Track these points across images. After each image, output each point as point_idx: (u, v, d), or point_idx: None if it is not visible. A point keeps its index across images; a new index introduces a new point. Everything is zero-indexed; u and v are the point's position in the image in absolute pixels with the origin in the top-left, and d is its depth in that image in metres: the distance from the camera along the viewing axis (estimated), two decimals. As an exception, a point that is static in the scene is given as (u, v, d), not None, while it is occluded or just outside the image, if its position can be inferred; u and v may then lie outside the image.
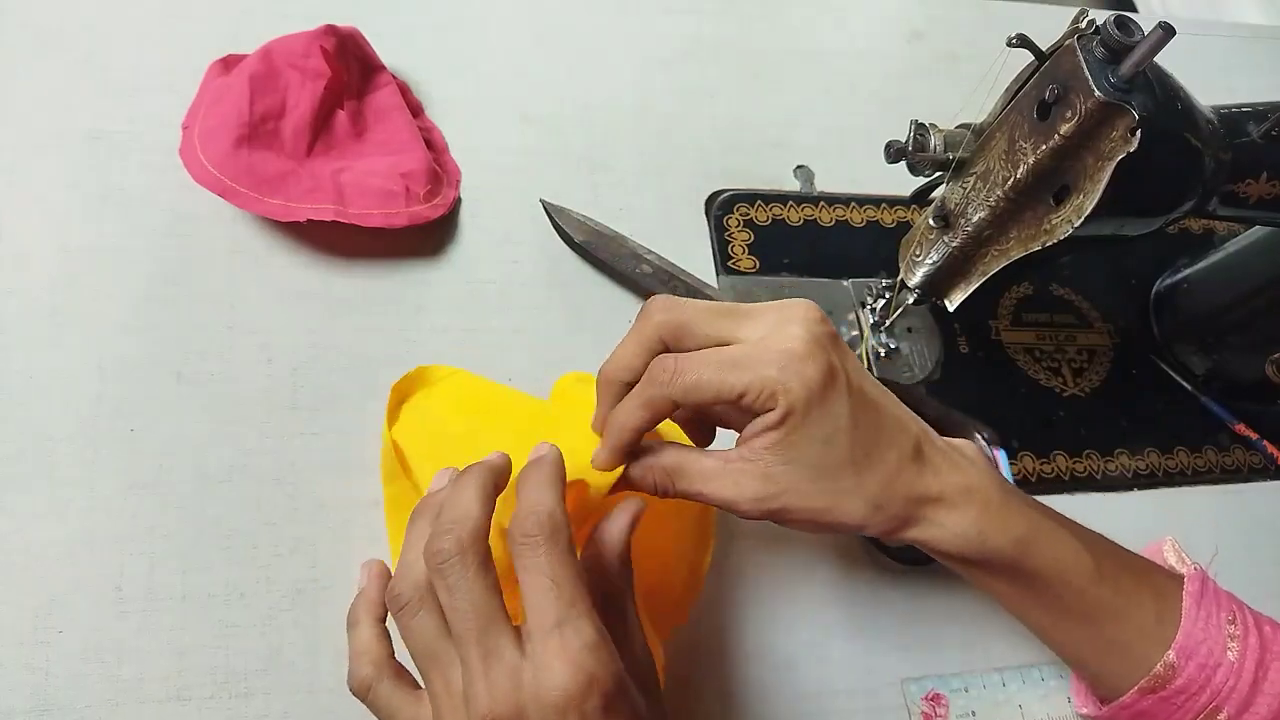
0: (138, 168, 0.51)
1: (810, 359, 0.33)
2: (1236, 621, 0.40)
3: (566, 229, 0.55)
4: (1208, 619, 0.40)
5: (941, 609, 0.49)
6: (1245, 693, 0.39)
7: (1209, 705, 0.39)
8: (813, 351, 0.34)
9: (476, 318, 0.52)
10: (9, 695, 0.39)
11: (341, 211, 0.49)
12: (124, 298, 0.48)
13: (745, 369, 0.33)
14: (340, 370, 0.49)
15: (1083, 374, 0.60)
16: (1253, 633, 0.40)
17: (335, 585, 0.43)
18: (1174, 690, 0.39)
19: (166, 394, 0.46)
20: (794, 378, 0.33)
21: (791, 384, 0.33)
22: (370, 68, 0.56)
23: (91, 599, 0.41)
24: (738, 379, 0.33)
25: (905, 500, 0.36)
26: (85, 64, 0.54)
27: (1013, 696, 0.47)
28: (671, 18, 0.68)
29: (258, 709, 0.40)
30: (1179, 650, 0.39)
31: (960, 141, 0.47)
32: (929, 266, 0.49)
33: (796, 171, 0.63)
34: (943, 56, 0.73)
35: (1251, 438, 0.59)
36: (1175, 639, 0.39)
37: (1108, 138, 0.41)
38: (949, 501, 0.37)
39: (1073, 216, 0.42)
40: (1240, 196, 0.46)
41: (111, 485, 0.43)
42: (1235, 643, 0.39)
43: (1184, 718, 0.39)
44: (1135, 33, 0.40)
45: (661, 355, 0.35)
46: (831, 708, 0.46)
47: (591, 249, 0.55)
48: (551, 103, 0.61)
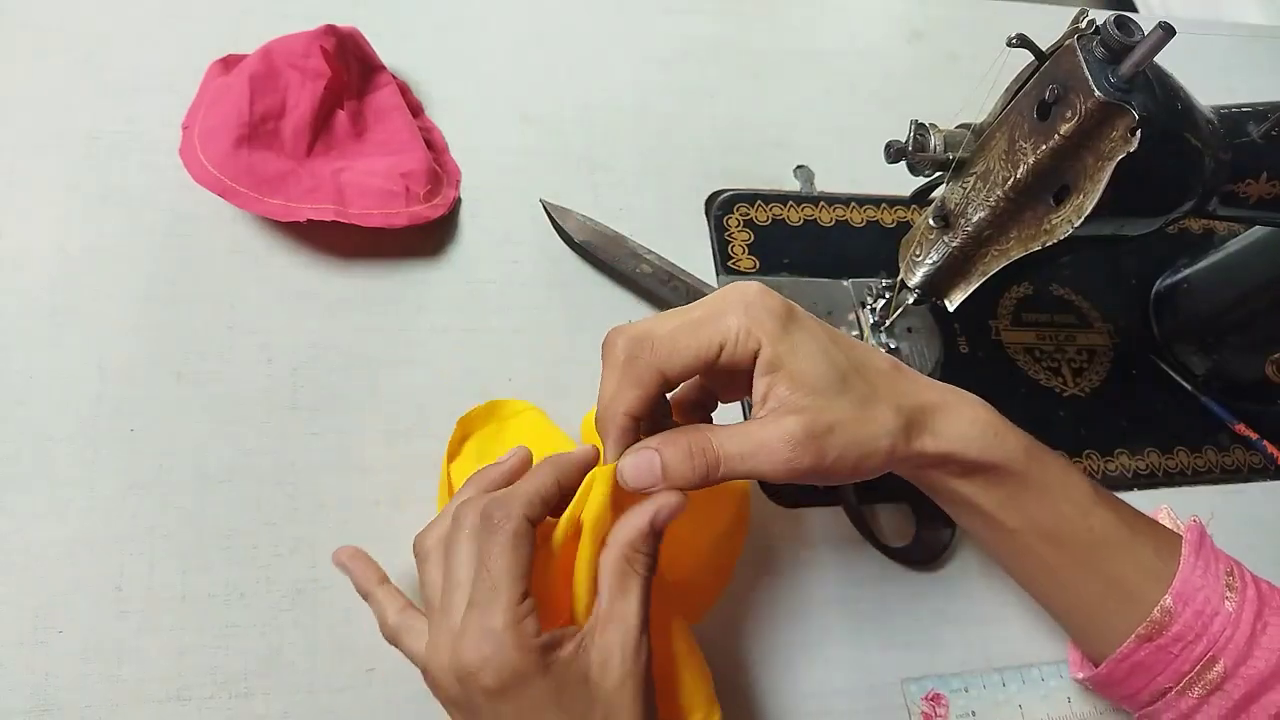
0: (138, 168, 0.51)
1: (764, 295, 0.36)
2: (1235, 575, 0.40)
3: (567, 229, 0.55)
4: (1206, 567, 0.40)
5: (941, 609, 0.49)
6: (1242, 645, 0.38)
7: (1205, 655, 0.38)
8: (763, 292, 0.36)
9: (476, 318, 0.52)
10: (9, 695, 0.39)
11: (341, 211, 0.49)
12: (124, 298, 0.48)
13: (713, 322, 0.35)
14: (340, 370, 0.49)
15: (1083, 374, 0.60)
16: (1250, 587, 0.40)
17: (335, 585, 0.43)
18: (1170, 638, 0.39)
19: (166, 394, 0.46)
20: (760, 311, 0.35)
21: (760, 316, 0.35)
22: (370, 68, 0.56)
23: (91, 599, 0.41)
24: (711, 331, 0.35)
25: (913, 406, 0.37)
26: (85, 64, 0.54)
27: (1013, 696, 0.47)
28: (671, 18, 0.68)
29: (258, 709, 0.40)
30: (1176, 595, 0.39)
31: (960, 141, 0.47)
32: (929, 266, 0.49)
33: (796, 171, 0.63)
34: (943, 56, 0.73)
35: (1251, 438, 0.59)
36: (1173, 583, 0.39)
37: (1108, 138, 0.41)
38: (950, 405, 0.39)
39: (1073, 216, 0.42)
40: (1240, 196, 0.46)
41: (111, 485, 0.43)
42: (1233, 594, 0.39)
43: (1181, 668, 0.39)
44: (1135, 33, 0.40)
45: (632, 337, 0.36)
46: (831, 708, 0.46)
47: (592, 249, 0.55)
48: (551, 103, 0.61)
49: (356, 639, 0.43)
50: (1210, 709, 0.39)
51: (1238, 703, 0.38)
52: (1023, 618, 0.50)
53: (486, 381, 0.50)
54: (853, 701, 0.46)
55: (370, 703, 0.41)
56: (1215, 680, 0.38)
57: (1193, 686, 0.39)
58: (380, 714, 0.41)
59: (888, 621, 0.49)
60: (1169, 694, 0.40)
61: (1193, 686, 0.39)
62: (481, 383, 0.50)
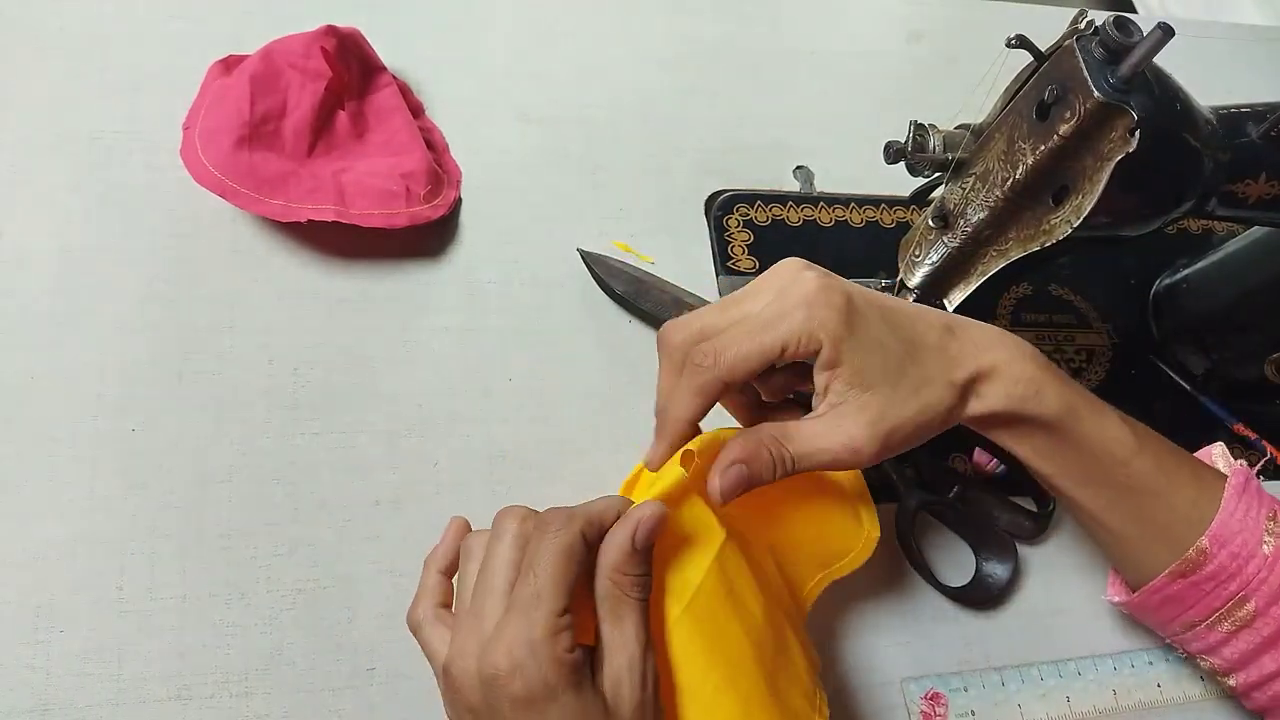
0: (138, 168, 0.51)
1: (825, 292, 0.36)
2: (1277, 519, 0.41)
3: (608, 280, 0.54)
4: (1246, 511, 0.41)
5: (942, 608, 0.49)
6: (1276, 586, 0.39)
7: (1238, 593, 0.40)
8: (824, 286, 0.36)
9: (476, 318, 0.52)
10: (9, 695, 0.39)
11: (342, 212, 0.49)
12: (124, 298, 0.48)
13: (776, 325, 0.36)
14: (340, 370, 0.49)
15: (1082, 374, 0.60)
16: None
17: (335, 585, 0.43)
18: (1204, 576, 0.40)
19: (166, 394, 0.46)
20: (822, 310, 0.35)
21: (823, 316, 0.35)
22: (371, 68, 0.56)
23: (92, 599, 0.41)
24: (774, 336, 0.35)
25: (966, 377, 0.39)
26: (86, 64, 0.54)
27: (1012, 696, 0.48)
28: (671, 18, 0.68)
29: (258, 709, 0.40)
30: (1212, 537, 0.40)
31: (959, 142, 0.47)
32: (929, 267, 0.49)
33: (796, 172, 0.63)
34: (943, 57, 0.73)
35: (1251, 437, 0.59)
36: (1211, 526, 0.40)
37: (1107, 138, 0.41)
38: (999, 368, 0.39)
39: (1072, 217, 0.42)
40: (1239, 197, 0.46)
41: (112, 485, 0.43)
42: (1272, 538, 0.40)
43: (1212, 603, 0.40)
44: (1134, 33, 0.40)
45: (698, 345, 0.37)
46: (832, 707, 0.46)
47: (633, 299, 0.54)
48: (551, 103, 0.61)
49: (356, 639, 0.43)
50: (1238, 643, 0.41)
51: (1266, 639, 0.40)
52: (1023, 617, 0.50)
53: (487, 381, 0.50)
54: (852, 700, 0.46)
55: (370, 703, 0.42)
56: (1246, 618, 0.40)
57: (1222, 621, 0.40)
58: (380, 714, 0.41)
59: (887, 621, 0.49)
60: (1199, 626, 0.41)
61: (1222, 621, 0.40)
62: (482, 383, 0.50)
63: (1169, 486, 0.41)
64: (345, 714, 0.41)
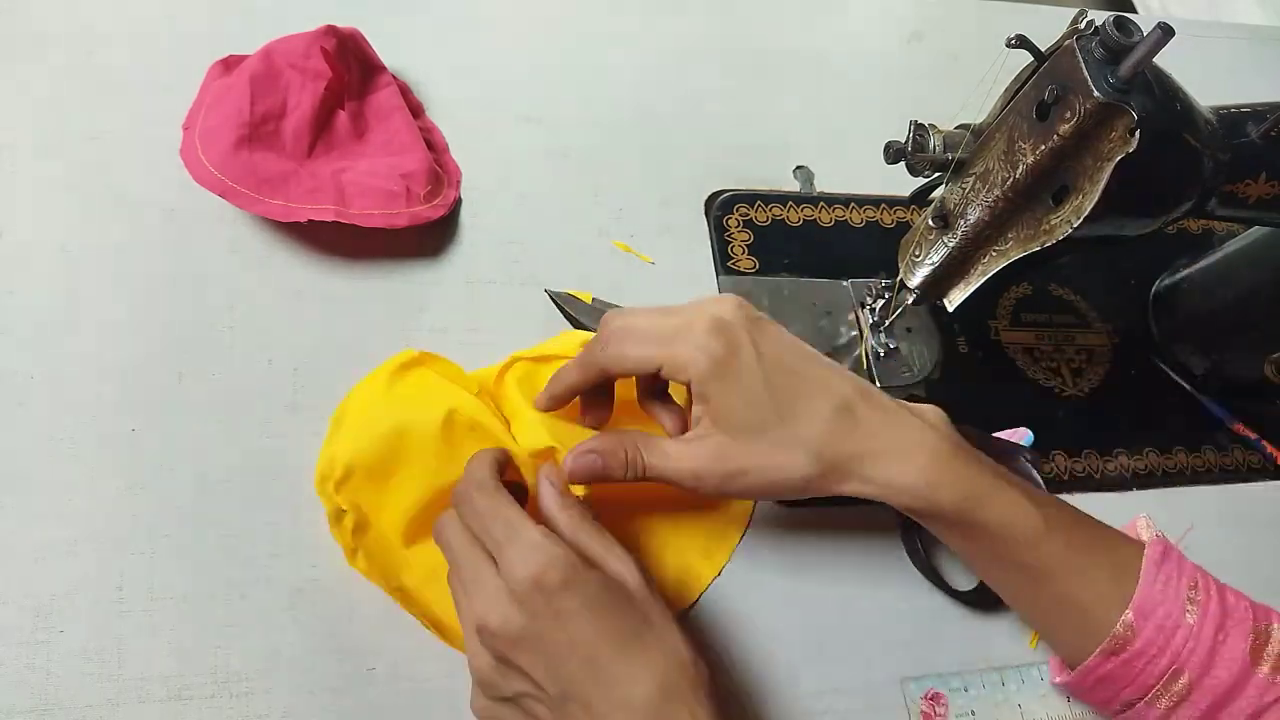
0: (138, 168, 0.51)
1: (714, 334, 0.39)
2: (1198, 588, 0.41)
3: (579, 319, 0.52)
4: (1166, 582, 0.40)
5: (941, 609, 0.49)
6: (1204, 656, 0.39)
7: (1170, 668, 0.39)
8: (718, 328, 0.39)
9: (476, 318, 0.52)
10: (9, 695, 0.39)
11: (342, 212, 0.49)
12: (124, 298, 0.48)
13: (663, 345, 0.39)
14: (340, 370, 0.48)
15: (1082, 374, 0.60)
16: (1214, 599, 0.40)
17: (335, 585, 0.43)
18: (1134, 653, 0.40)
19: (166, 394, 0.46)
20: (698, 350, 0.39)
21: (696, 355, 0.39)
22: (371, 68, 0.56)
23: (92, 599, 0.41)
24: (655, 353, 0.40)
25: (842, 453, 0.40)
26: (86, 64, 0.54)
27: (1012, 696, 0.48)
28: (671, 18, 0.68)
29: (258, 709, 0.40)
30: (1136, 610, 0.40)
31: (959, 142, 0.47)
32: (929, 267, 0.49)
33: (796, 172, 0.63)
34: (942, 57, 0.73)
35: (1250, 437, 0.59)
36: (1133, 600, 0.40)
37: (1107, 138, 0.41)
38: (889, 455, 0.40)
39: (1072, 217, 0.42)
40: (1239, 197, 0.46)
41: (112, 485, 0.43)
42: (1195, 607, 0.40)
43: (1146, 681, 0.40)
44: (1134, 33, 0.40)
45: (606, 316, 0.41)
46: (831, 706, 0.46)
47: None
48: (551, 103, 0.61)
49: (356, 639, 0.43)
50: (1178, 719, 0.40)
51: (1204, 713, 0.39)
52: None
53: (486, 381, 0.50)
54: (852, 700, 0.46)
55: (370, 703, 0.41)
56: (1181, 692, 0.39)
57: (1160, 698, 0.40)
58: (380, 714, 0.41)
59: (888, 620, 0.49)
60: (1138, 704, 0.40)
61: (1160, 698, 0.40)
62: (481, 383, 0.50)
63: (1084, 564, 0.41)
64: (345, 714, 0.41)
